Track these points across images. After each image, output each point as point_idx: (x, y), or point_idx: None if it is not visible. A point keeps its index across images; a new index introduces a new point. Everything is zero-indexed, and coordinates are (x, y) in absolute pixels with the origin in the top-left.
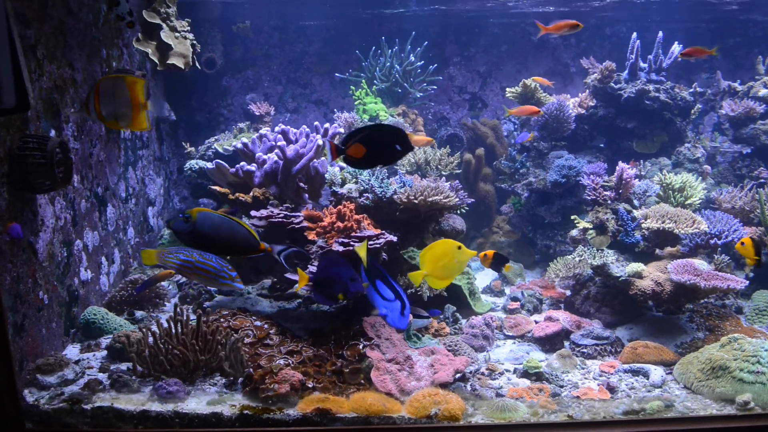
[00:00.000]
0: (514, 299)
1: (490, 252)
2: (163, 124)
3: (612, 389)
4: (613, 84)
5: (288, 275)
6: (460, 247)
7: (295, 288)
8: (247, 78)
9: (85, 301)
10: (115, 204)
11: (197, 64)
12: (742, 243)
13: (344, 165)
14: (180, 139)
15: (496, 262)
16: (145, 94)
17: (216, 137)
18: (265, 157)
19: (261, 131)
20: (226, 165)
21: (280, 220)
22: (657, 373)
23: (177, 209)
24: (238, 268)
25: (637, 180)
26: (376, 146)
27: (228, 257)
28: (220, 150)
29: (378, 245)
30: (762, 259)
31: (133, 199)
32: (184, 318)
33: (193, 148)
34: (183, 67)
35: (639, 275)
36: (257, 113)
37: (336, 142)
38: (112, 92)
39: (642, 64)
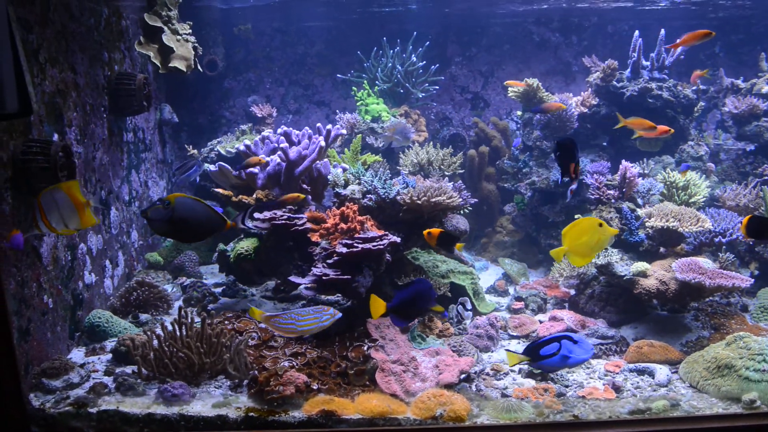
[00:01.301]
0: (519, 299)
1: (435, 230)
2: (166, 126)
3: (617, 389)
4: (615, 82)
5: (292, 278)
6: (601, 225)
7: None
8: (249, 80)
9: (89, 304)
10: (118, 207)
11: (199, 67)
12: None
13: (347, 166)
14: (183, 142)
15: (443, 242)
16: (82, 192)
17: (218, 139)
18: (268, 158)
19: (263, 133)
20: (229, 167)
21: (283, 221)
22: (662, 372)
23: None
24: (243, 272)
25: (640, 178)
26: None
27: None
28: (223, 152)
29: (382, 246)
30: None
31: (137, 202)
32: (189, 321)
33: (195, 151)
34: (185, 70)
35: (643, 274)
36: (259, 115)
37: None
38: (54, 203)
39: (644, 62)
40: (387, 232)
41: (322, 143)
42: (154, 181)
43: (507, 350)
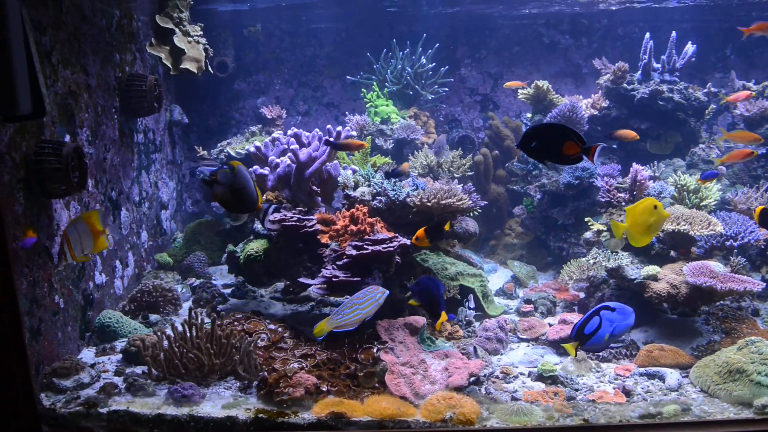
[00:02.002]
0: (528, 301)
1: (420, 231)
2: (176, 128)
3: (628, 393)
4: (626, 85)
5: (301, 279)
6: (656, 207)
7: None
8: (258, 82)
9: (100, 304)
10: (128, 208)
11: (210, 69)
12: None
13: (356, 168)
14: (192, 143)
15: (432, 235)
16: (101, 220)
17: (228, 141)
18: (278, 160)
19: (273, 135)
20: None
21: (293, 223)
22: (673, 376)
23: (190, 213)
24: (252, 273)
25: (651, 181)
26: None
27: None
28: (233, 153)
29: (392, 248)
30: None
31: (147, 203)
32: (199, 321)
33: (205, 152)
34: (196, 72)
35: (654, 278)
36: (269, 116)
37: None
38: (77, 234)
39: (655, 65)
40: (397, 234)
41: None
42: (164, 182)
43: (563, 344)
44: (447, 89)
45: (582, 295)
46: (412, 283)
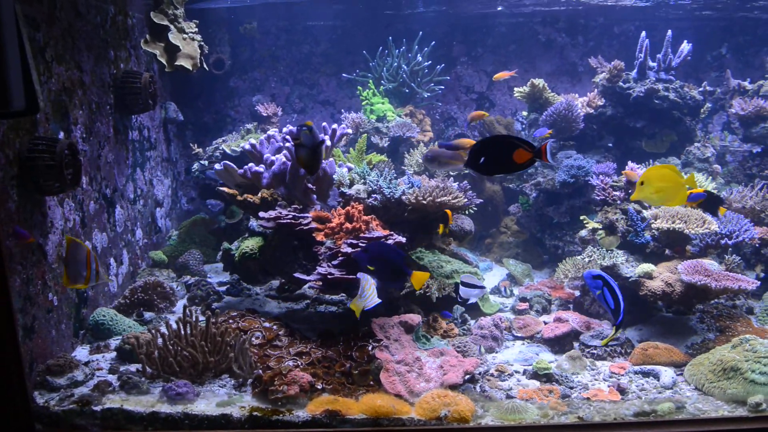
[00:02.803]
0: (523, 300)
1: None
2: (171, 125)
3: (622, 390)
4: (621, 83)
5: (297, 274)
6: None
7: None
8: (254, 79)
9: (94, 302)
10: (123, 205)
11: (205, 66)
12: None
13: (352, 166)
14: (188, 140)
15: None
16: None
17: (223, 138)
18: (273, 158)
19: (269, 132)
20: (234, 166)
21: (288, 221)
22: (667, 374)
23: (185, 210)
24: (247, 271)
25: None
26: None
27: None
28: (228, 151)
29: None
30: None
31: (142, 201)
32: (193, 319)
33: (200, 149)
34: (191, 69)
35: (649, 276)
36: (264, 114)
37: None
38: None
39: (651, 63)
40: (392, 232)
41: (328, 142)
42: (159, 179)
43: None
44: (443, 87)
45: (577, 293)
46: (362, 250)
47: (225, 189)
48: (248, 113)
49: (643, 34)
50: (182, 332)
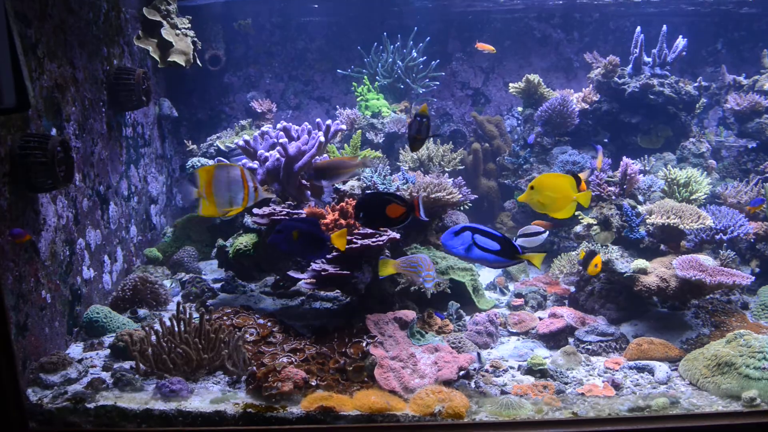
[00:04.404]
0: (518, 296)
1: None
2: (165, 121)
3: (617, 386)
4: (617, 78)
5: (291, 273)
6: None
7: None
8: (249, 75)
9: (88, 299)
10: (117, 202)
11: (198, 62)
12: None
13: None
14: (182, 137)
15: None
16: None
17: (218, 134)
18: (267, 154)
19: (263, 128)
20: (228, 163)
21: (282, 217)
22: (662, 369)
23: (180, 207)
24: (242, 268)
25: (641, 175)
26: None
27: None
28: (222, 147)
29: (381, 242)
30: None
31: (136, 197)
32: (187, 316)
33: (195, 146)
34: (184, 65)
35: (644, 271)
36: (259, 110)
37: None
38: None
39: (646, 59)
40: (386, 229)
41: (322, 139)
42: (154, 176)
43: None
44: (438, 83)
45: (572, 288)
46: (275, 232)
47: None
48: (243, 110)
49: (638, 29)
50: (176, 329)
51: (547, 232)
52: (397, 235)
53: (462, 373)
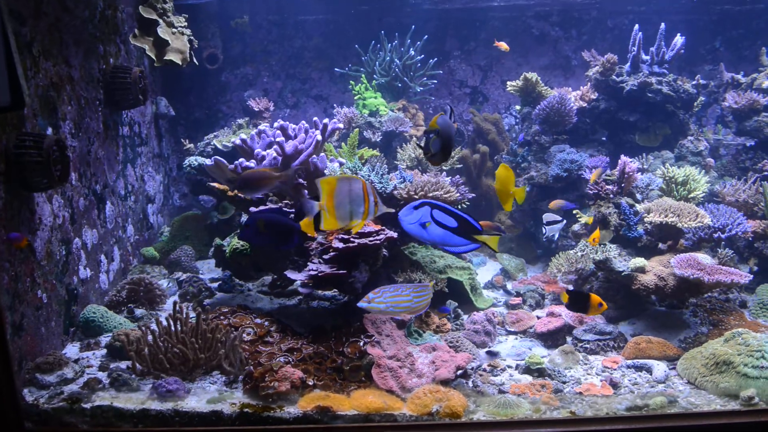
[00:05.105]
0: (516, 294)
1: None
2: (162, 120)
3: (615, 385)
4: (615, 77)
5: (288, 273)
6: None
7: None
8: (246, 74)
9: (84, 299)
10: (114, 201)
11: (194, 60)
12: None
13: (344, 161)
14: (179, 136)
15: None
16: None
17: (215, 133)
18: (263, 153)
19: (260, 127)
20: (225, 161)
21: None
22: (660, 368)
23: (177, 207)
24: (239, 267)
25: (639, 174)
26: None
27: None
28: (219, 146)
29: (378, 241)
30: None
31: (132, 197)
32: (184, 316)
33: (192, 145)
34: (180, 63)
35: (642, 270)
36: (256, 109)
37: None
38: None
39: (644, 57)
40: (384, 227)
41: (319, 137)
42: (150, 175)
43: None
44: (436, 81)
45: (570, 287)
46: (244, 227)
47: (216, 185)
48: (240, 108)
49: (636, 27)
50: (173, 329)
51: (565, 221)
52: (395, 234)
53: (460, 372)
